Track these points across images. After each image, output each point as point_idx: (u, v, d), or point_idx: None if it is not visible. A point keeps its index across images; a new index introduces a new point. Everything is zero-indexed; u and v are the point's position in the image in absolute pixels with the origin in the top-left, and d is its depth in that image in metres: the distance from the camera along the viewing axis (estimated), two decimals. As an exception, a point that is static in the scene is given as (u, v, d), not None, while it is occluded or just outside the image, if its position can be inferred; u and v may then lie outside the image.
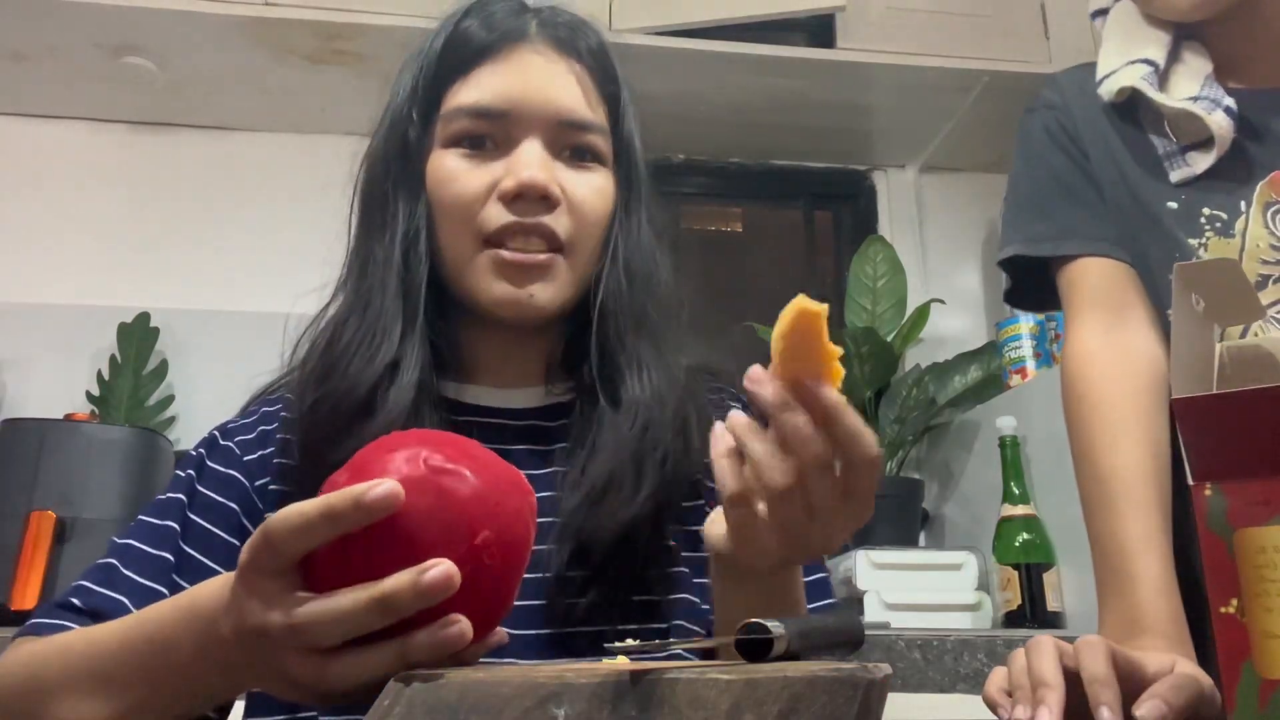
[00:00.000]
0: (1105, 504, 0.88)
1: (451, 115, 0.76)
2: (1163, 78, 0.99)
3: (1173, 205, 0.98)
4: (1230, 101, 0.96)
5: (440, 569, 0.46)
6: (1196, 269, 0.64)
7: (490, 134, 0.75)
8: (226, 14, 1.81)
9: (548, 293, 0.74)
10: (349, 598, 0.46)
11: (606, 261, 0.77)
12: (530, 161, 0.73)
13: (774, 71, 2.02)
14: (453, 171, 0.75)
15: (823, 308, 0.51)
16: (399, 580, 0.45)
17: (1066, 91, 1.10)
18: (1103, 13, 1.09)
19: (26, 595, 1.38)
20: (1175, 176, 0.98)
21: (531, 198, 0.73)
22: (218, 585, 0.52)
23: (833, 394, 0.52)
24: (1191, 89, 0.97)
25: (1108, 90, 1.02)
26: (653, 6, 1.94)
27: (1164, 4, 0.99)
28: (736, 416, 0.56)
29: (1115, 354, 0.95)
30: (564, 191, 0.74)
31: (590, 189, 0.76)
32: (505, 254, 0.73)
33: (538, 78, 0.75)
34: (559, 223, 0.74)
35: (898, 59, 2.02)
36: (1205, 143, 0.97)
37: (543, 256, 0.73)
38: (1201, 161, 0.96)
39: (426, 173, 0.77)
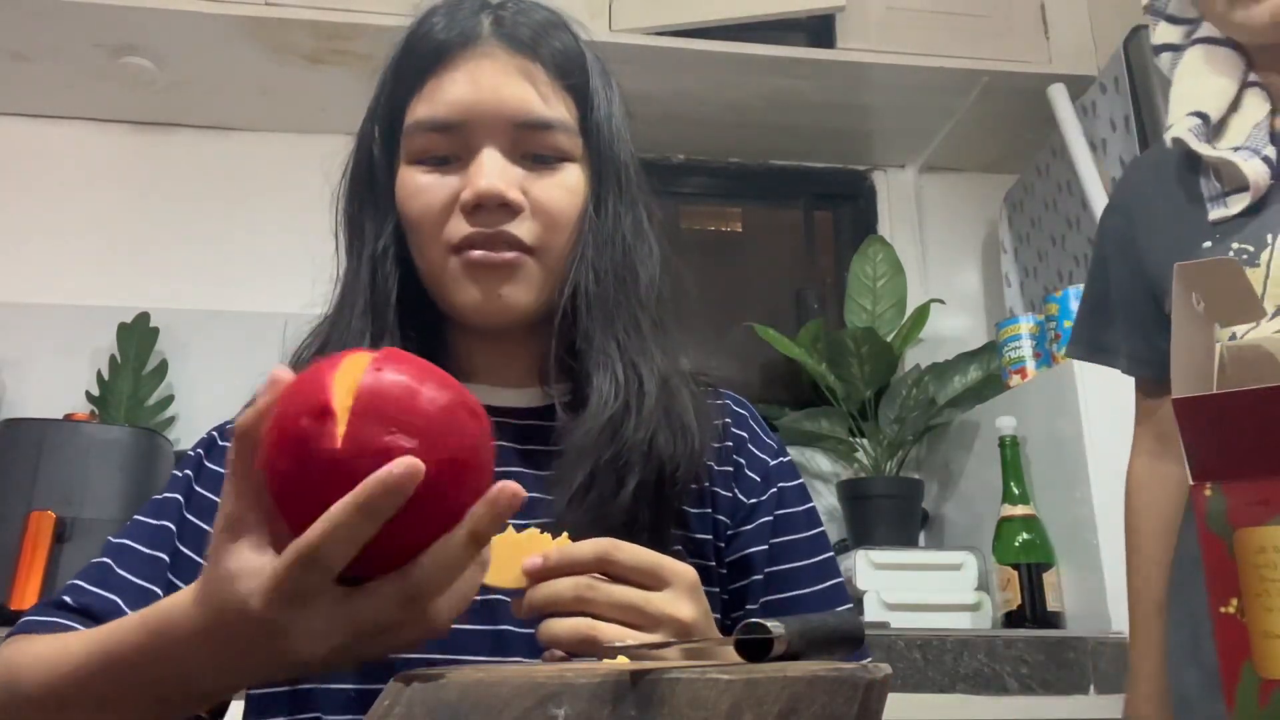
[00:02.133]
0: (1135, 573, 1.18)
1: (410, 131, 0.76)
2: (1220, 125, 1.07)
3: (1207, 245, 1.05)
4: (1271, 150, 1.03)
5: (402, 461, 0.43)
6: (1196, 269, 0.64)
7: (450, 146, 0.74)
8: (226, 14, 1.82)
9: (519, 293, 0.74)
10: (334, 508, 0.44)
11: (575, 260, 0.76)
12: (489, 170, 0.72)
13: (774, 71, 2.02)
14: (417, 187, 0.75)
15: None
16: (370, 482, 0.43)
17: (1131, 178, 1.23)
18: (1169, 48, 1.15)
19: (26, 595, 1.39)
20: (1212, 215, 1.06)
21: (491, 207, 0.72)
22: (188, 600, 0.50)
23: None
24: (1238, 139, 1.05)
25: (1167, 139, 1.11)
26: (652, 6, 1.93)
27: (1240, 23, 1.03)
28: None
29: (1159, 487, 1.17)
30: (527, 195, 0.74)
31: (557, 189, 0.75)
32: (473, 254, 0.73)
33: (490, 83, 0.74)
34: (522, 229, 0.73)
35: (898, 59, 2.02)
36: (1245, 188, 1.04)
37: (510, 255, 0.73)
38: (1237, 204, 1.05)
39: (395, 189, 0.76)
